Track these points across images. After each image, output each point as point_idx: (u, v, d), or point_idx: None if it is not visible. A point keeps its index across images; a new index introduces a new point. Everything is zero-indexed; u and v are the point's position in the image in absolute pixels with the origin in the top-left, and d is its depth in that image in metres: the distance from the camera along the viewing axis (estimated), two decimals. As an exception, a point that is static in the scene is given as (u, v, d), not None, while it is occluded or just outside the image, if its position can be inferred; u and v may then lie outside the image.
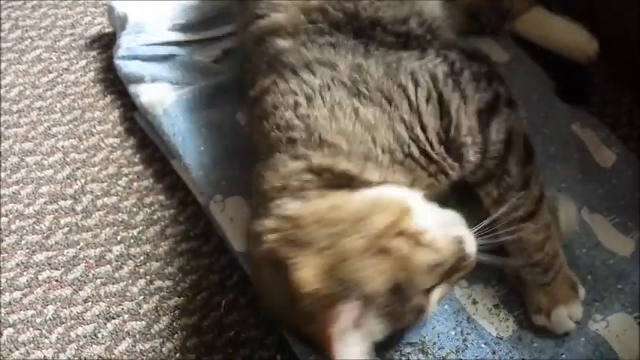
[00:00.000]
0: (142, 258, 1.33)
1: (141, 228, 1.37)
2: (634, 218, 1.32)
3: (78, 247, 1.34)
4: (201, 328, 1.25)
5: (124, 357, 1.22)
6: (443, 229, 1.01)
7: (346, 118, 1.07)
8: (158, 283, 1.30)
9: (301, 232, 0.98)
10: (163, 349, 1.23)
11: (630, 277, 1.24)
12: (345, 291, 0.92)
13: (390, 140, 1.07)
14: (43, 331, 1.24)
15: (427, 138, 1.09)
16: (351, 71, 1.11)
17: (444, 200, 1.10)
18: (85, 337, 1.24)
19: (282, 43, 1.18)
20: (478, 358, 1.15)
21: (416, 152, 1.08)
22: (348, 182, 1.04)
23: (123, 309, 1.27)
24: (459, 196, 1.17)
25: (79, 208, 1.39)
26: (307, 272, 0.93)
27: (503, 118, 1.14)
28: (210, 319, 1.26)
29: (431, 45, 1.18)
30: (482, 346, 1.16)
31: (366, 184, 1.05)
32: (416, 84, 1.10)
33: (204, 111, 1.43)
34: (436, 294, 1.02)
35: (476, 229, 1.05)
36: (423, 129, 1.09)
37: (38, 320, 1.26)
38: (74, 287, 1.29)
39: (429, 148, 1.09)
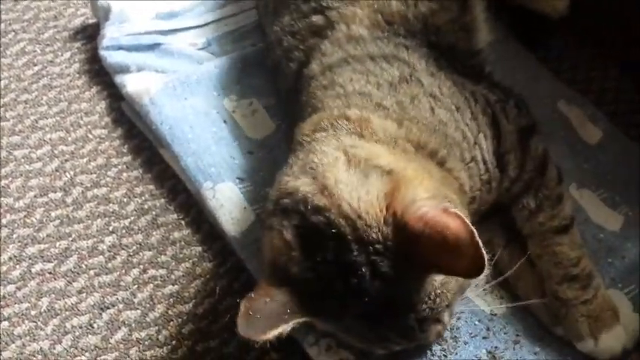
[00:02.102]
0: (134, 248, 1.33)
1: (132, 218, 1.37)
2: (622, 193, 1.33)
3: (70, 238, 1.34)
4: (196, 314, 1.25)
5: (121, 346, 1.22)
6: None
7: (425, 112, 1.11)
8: (152, 272, 1.30)
9: None
10: (159, 337, 1.23)
11: (619, 251, 1.25)
12: None
13: (459, 138, 1.11)
14: (39, 323, 1.24)
15: (487, 145, 1.14)
16: (427, 74, 1.16)
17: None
18: (80, 327, 1.24)
19: (360, 30, 1.20)
20: (472, 334, 1.16)
21: (479, 156, 1.12)
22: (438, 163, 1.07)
23: (117, 299, 1.27)
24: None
25: (69, 200, 1.39)
26: None
27: (539, 139, 1.22)
28: (204, 306, 1.26)
29: (484, 79, 1.26)
30: (476, 323, 1.17)
31: (449, 171, 1.08)
32: (475, 101, 1.17)
33: (190, 98, 1.43)
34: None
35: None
36: (484, 136, 1.14)
37: (33, 313, 1.25)
38: (68, 279, 1.29)
39: (487, 156, 1.13)
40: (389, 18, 1.22)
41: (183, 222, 1.36)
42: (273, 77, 1.39)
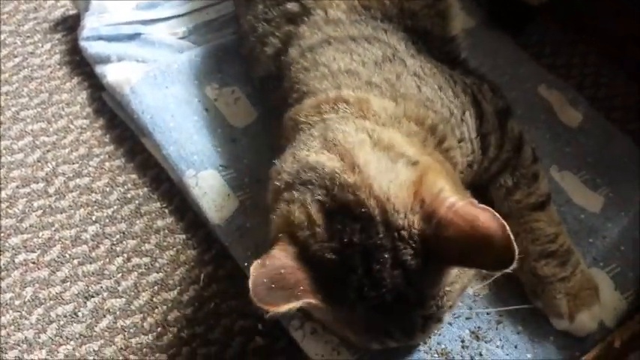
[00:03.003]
0: (117, 236, 1.33)
1: (115, 207, 1.37)
2: (602, 175, 1.35)
3: (53, 228, 1.34)
4: (181, 301, 1.25)
5: (106, 334, 1.22)
6: None
7: (413, 89, 1.11)
8: (136, 260, 1.30)
9: None
10: (144, 324, 1.23)
11: (600, 231, 1.27)
12: None
13: (447, 115, 1.12)
14: (23, 312, 1.24)
15: (472, 123, 1.15)
16: (408, 55, 1.17)
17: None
18: (65, 316, 1.24)
19: (337, 13, 1.20)
20: (455, 315, 1.16)
21: (467, 134, 1.14)
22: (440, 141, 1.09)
23: (102, 287, 1.27)
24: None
25: (51, 190, 1.39)
26: None
27: (515, 121, 1.25)
28: (190, 293, 1.26)
29: (458, 65, 1.29)
30: (459, 304, 1.18)
31: (447, 152, 1.09)
32: (454, 82, 1.18)
33: (171, 87, 1.43)
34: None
35: None
36: (470, 114, 1.15)
37: (17, 302, 1.25)
38: (51, 268, 1.29)
39: (472, 135, 1.15)
40: (365, 3, 1.22)
41: (166, 210, 1.36)
42: (248, 66, 1.39)
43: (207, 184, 1.31)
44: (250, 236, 1.25)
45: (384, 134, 1.01)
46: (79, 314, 1.24)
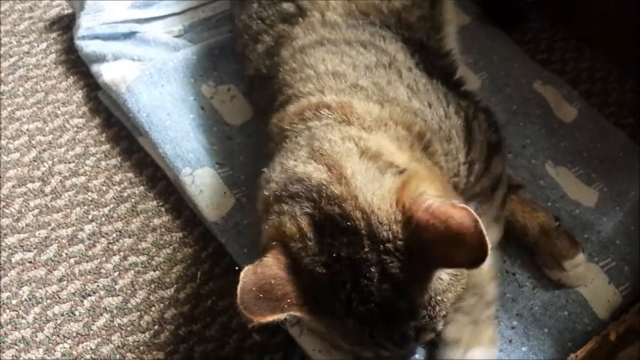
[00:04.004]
0: (114, 235, 1.33)
1: (112, 206, 1.37)
2: (597, 170, 1.35)
3: (49, 227, 1.34)
4: (178, 299, 1.26)
5: (103, 332, 1.23)
6: None
7: (403, 97, 1.10)
8: (132, 258, 1.30)
9: None
10: (141, 322, 1.23)
11: (595, 226, 1.27)
12: None
13: (437, 128, 1.10)
14: (20, 312, 1.24)
15: (459, 145, 1.13)
16: (405, 68, 1.15)
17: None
18: (62, 315, 1.24)
19: (333, 16, 1.19)
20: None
21: (454, 150, 1.12)
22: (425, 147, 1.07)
23: (98, 286, 1.27)
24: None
25: (47, 189, 1.39)
26: None
27: (501, 159, 1.22)
28: (186, 291, 1.27)
29: (453, 87, 1.24)
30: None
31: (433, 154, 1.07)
32: (448, 102, 1.16)
33: (167, 85, 1.43)
34: None
35: None
36: (457, 135, 1.13)
37: (14, 302, 1.25)
38: (48, 267, 1.29)
39: (460, 156, 1.13)
40: (363, 9, 1.21)
41: (163, 209, 1.37)
42: (241, 65, 1.38)
43: (204, 182, 1.31)
44: (247, 233, 1.26)
45: (371, 142, 1.00)
46: (76, 313, 1.25)
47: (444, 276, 0.93)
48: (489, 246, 0.83)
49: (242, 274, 0.90)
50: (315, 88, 1.09)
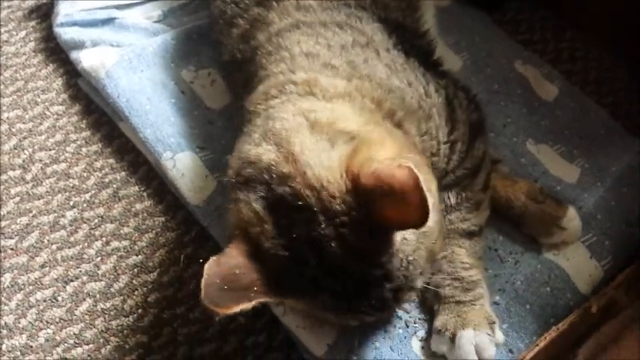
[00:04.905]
0: (96, 221, 1.33)
1: (93, 192, 1.36)
2: (578, 147, 1.36)
3: (30, 214, 1.33)
4: (161, 283, 1.25)
5: (86, 317, 1.22)
6: None
7: (381, 74, 1.09)
8: (115, 243, 1.30)
9: None
10: (125, 306, 1.23)
11: (577, 202, 1.27)
12: None
13: (416, 106, 1.10)
14: (2, 298, 1.24)
15: (440, 123, 1.12)
16: (383, 49, 1.14)
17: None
18: (44, 301, 1.24)
19: (309, 0, 1.18)
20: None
21: (433, 130, 1.11)
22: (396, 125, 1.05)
23: (81, 271, 1.27)
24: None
25: (28, 176, 1.38)
26: None
27: (484, 140, 1.21)
28: (170, 274, 1.26)
29: (432, 67, 1.24)
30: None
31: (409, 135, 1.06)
32: (427, 81, 1.15)
33: (147, 70, 1.42)
34: None
35: None
36: (438, 113, 1.12)
37: (-4, 289, 1.25)
38: (30, 254, 1.29)
39: (440, 135, 1.12)
40: None
41: (145, 194, 1.36)
42: (218, 51, 1.38)
43: (185, 166, 1.31)
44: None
45: (325, 112, 0.98)
46: (59, 298, 1.24)
47: (409, 236, 0.93)
48: (430, 202, 0.82)
49: (205, 267, 0.90)
50: (288, 67, 1.09)
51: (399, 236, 0.92)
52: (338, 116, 0.98)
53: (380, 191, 0.85)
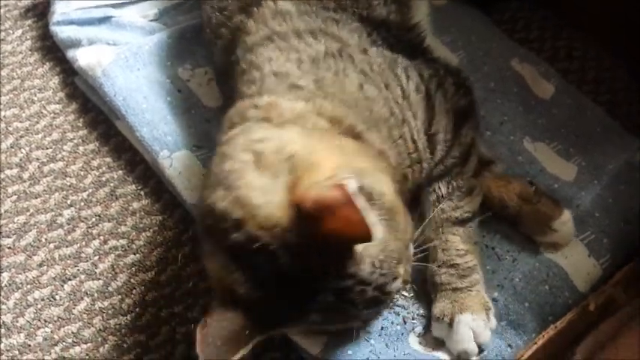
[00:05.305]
0: (93, 219, 1.33)
1: (90, 190, 1.36)
2: (575, 145, 1.36)
3: (28, 213, 1.33)
4: (159, 282, 1.25)
5: (84, 316, 1.22)
6: None
7: (352, 86, 1.09)
8: (112, 242, 1.30)
9: None
10: (123, 305, 1.23)
11: (574, 200, 1.27)
12: None
13: (387, 115, 1.10)
14: (0, 297, 1.24)
15: (416, 125, 1.13)
16: (359, 51, 1.14)
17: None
18: (42, 300, 1.24)
19: (287, 5, 1.17)
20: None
21: (407, 134, 1.11)
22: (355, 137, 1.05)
23: (79, 270, 1.27)
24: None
25: (25, 175, 1.38)
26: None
27: (472, 126, 1.21)
28: (167, 273, 1.26)
29: (420, 55, 1.24)
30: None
31: (369, 144, 1.06)
32: (407, 77, 1.15)
33: (143, 69, 1.42)
34: None
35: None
36: (414, 115, 1.13)
37: (-7, 288, 1.25)
38: (27, 253, 1.29)
39: (415, 135, 1.12)
40: None
41: (142, 192, 1.36)
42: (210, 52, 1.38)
43: (182, 164, 1.31)
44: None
45: (273, 141, 0.98)
46: (57, 297, 1.24)
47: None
48: (370, 221, 0.83)
49: (197, 331, 0.91)
50: (257, 90, 1.09)
51: (359, 245, 0.92)
52: (286, 142, 0.98)
53: (323, 214, 0.85)
